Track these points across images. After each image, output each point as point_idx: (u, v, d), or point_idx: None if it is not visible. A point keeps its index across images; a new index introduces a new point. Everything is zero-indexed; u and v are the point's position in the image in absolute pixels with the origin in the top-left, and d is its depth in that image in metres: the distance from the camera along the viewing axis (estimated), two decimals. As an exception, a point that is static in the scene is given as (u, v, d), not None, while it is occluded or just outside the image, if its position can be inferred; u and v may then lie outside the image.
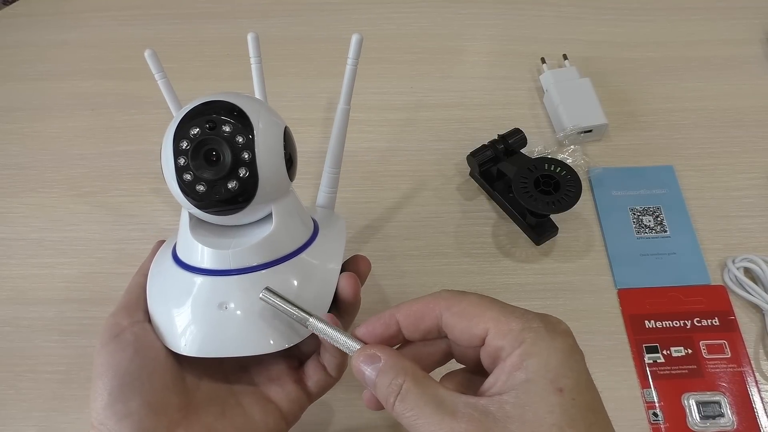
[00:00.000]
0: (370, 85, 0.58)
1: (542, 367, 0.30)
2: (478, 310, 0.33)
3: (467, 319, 0.33)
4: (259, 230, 0.40)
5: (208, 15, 0.78)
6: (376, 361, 0.33)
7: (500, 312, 0.32)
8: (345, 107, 0.47)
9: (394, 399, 0.31)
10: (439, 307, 0.34)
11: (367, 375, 0.33)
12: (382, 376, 0.32)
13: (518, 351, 0.30)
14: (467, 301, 0.33)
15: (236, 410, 0.39)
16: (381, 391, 0.32)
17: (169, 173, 0.38)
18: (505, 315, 0.32)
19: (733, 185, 0.61)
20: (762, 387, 0.50)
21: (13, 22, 0.78)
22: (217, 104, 0.38)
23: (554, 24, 0.76)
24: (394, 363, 0.33)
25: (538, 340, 0.30)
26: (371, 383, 0.33)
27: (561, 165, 0.56)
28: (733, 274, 0.55)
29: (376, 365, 0.33)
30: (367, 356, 0.33)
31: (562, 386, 0.29)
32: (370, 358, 0.33)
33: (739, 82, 0.69)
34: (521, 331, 0.31)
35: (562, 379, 0.29)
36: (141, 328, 0.38)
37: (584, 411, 0.29)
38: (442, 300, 0.34)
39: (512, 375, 0.30)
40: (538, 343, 0.30)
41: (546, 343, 0.30)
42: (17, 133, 0.68)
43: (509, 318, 0.32)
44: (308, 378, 0.41)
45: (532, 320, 0.32)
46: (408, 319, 0.35)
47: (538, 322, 0.31)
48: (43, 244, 0.60)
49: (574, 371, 0.30)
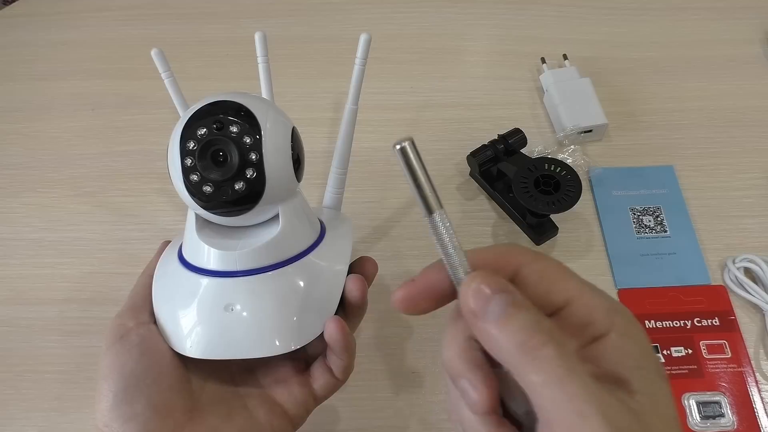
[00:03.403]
0: (370, 85, 0.57)
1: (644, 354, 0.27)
2: (561, 276, 0.29)
3: (548, 281, 0.29)
4: (266, 231, 0.40)
5: (208, 15, 0.78)
6: (508, 293, 0.27)
7: (583, 284, 0.29)
8: (353, 107, 0.47)
9: (546, 339, 0.26)
10: (519, 260, 0.29)
11: (493, 303, 0.27)
12: (523, 310, 0.27)
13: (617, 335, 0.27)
14: (547, 262, 0.29)
15: (242, 412, 0.39)
16: (520, 324, 0.26)
17: (175, 174, 0.38)
18: (590, 289, 0.29)
19: (733, 185, 0.62)
20: (762, 387, 0.51)
21: (13, 22, 0.78)
22: (225, 104, 0.38)
23: (554, 24, 0.76)
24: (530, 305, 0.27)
25: (629, 325, 0.28)
26: (495, 314, 0.26)
27: (561, 165, 0.56)
28: (733, 274, 0.55)
29: (508, 297, 0.27)
30: (501, 283, 0.27)
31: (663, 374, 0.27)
32: (503, 285, 0.27)
33: (739, 82, 0.70)
34: (609, 310, 0.28)
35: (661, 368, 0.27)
36: (147, 330, 0.38)
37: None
38: (521, 254, 0.30)
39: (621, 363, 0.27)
40: (632, 327, 0.28)
41: (636, 329, 0.28)
42: (17, 133, 0.68)
43: (594, 293, 0.28)
44: (314, 380, 0.41)
45: (612, 302, 0.29)
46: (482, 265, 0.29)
47: (618, 304, 0.29)
48: (43, 244, 0.60)
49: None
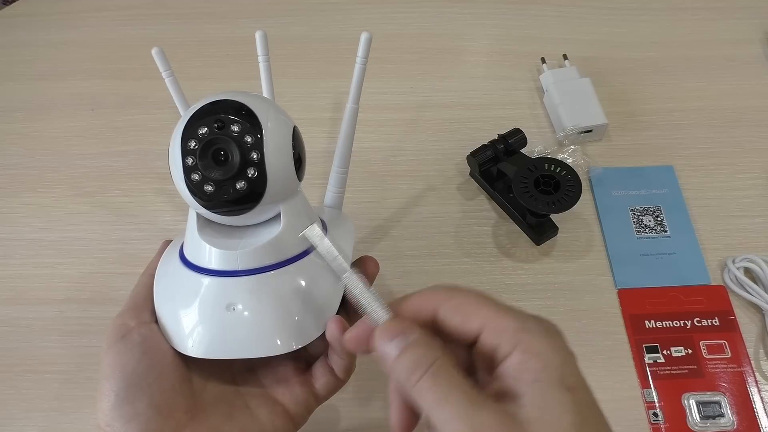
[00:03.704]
0: (370, 85, 0.57)
1: (547, 366, 0.29)
2: (474, 307, 0.32)
3: (462, 314, 0.32)
4: (267, 231, 0.40)
5: (208, 15, 0.78)
6: (405, 335, 0.31)
7: (496, 310, 0.32)
8: (354, 106, 0.46)
9: (423, 371, 0.30)
10: (437, 300, 0.33)
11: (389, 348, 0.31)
12: (414, 348, 0.31)
13: (518, 351, 0.30)
14: (463, 296, 0.33)
15: (243, 412, 0.39)
16: (406, 362, 0.30)
17: (176, 173, 0.38)
18: (501, 313, 0.31)
19: (733, 185, 0.62)
20: (762, 387, 0.51)
21: (13, 22, 0.78)
22: (226, 103, 0.37)
23: (554, 24, 0.76)
24: (429, 340, 0.31)
25: (536, 341, 0.30)
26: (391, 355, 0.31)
27: (561, 165, 0.56)
28: (733, 274, 0.55)
29: (404, 338, 0.31)
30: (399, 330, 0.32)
31: (570, 384, 0.29)
32: (401, 330, 0.32)
33: (739, 82, 0.70)
34: (516, 330, 0.30)
35: (568, 377, 0.29)
36: (148, 329, 0.38)
37: (592, 408, 0.30)
38: (440, 294, 0.33)
39: (518, 378, 0.30)
40: (537, 344, 0.30)
41: (545, 344, 0.30)
42: (17, 133, 0.68)
43: (505, 316, 0.31)
44: (316, 380, 0.41)
45: (526, 320, 0.31)
46: (407, 312, 0.34)
47: (533, 322, 0.31)
48: (43, 244, 0.60)
49: (575, 370, 0.30)
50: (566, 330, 0.54)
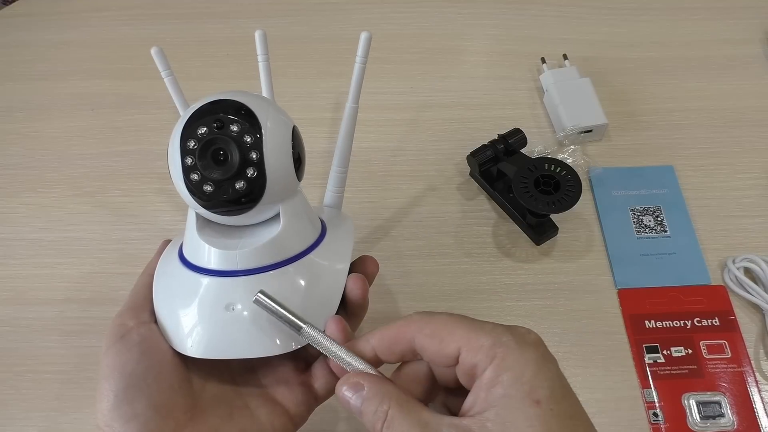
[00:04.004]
0: (370, 85, 0.57)
1: (517, 380, 0.30)
2: (448, 330, 0.33)
3: (438, 339, 0.33)
4: (267, 231, 0.40)
5: (208, 15, 0.78)
6: (360, 389, 0.33)
7: (469, 329, 0.33)
8: (353, 106, 0.46)
9: (381, 425, 0.31)
10: (411, 330, 0.34)
11: (352, 403, 0.33)
12: (367, 404, 0.32)
13: (491, 366, 0.31)
14: (437, 322, 0.34)
15: (243, 412, 0.39)
16: (368, 419, 0.32)
17: (176, 173, 0.38)
18: (475, 331, 0.32)
19: (733, 185, 0.62)
20: (762, 387, 0.51)
21: (13, 22, 0.78)
22: (225, 103, 0.37)
23: (554, 24, 0.76)
24: (378, 389, 0.33)
25: (509, 354, 0.31)
26: (357, 411, 0.33)
27: (561, 165, 0.56)
28: (734, 274, 0.55)
29: (361, 393, 0.33)
30: (351, 384, 0.34)
31: (538, 398, 0.30)
32: (354, 386, 0.33)
33: (739, 82, 0.70)
34: (491, 346, 0.31)
35: (538, 390, 0.30)
36: (147, 329, 0.38)
37: (563, 419, 0.30)
38: (413, 323, 0.34)
39: (490, 392, 0.30)
40: (510, 357, 0.31)
41: (517, 356, 0.31)
42: (17, 133, 0.68)
43: (479, 334, 0.32)
44: (315, 380, 0.41)
45: (501, 334, 0.32)
46: (382, 344, 0.35)
47: (508, 335, 0.32)
48: (43, 244, 0.60)
49: (548, 380, 0.31)
50: (566, 330, 0.54)
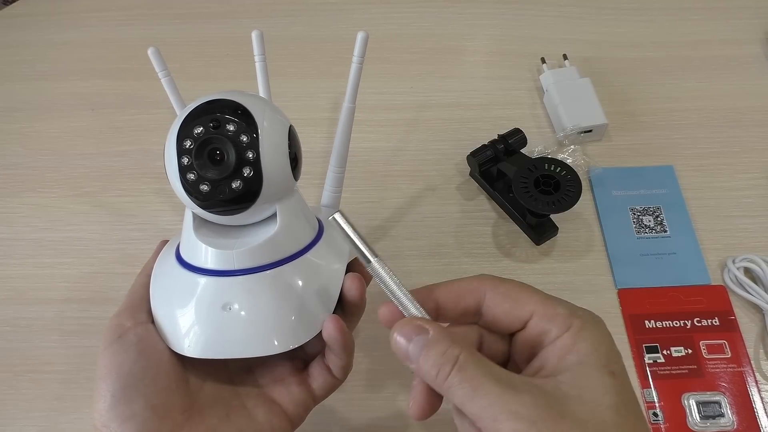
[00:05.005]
0: (370, 85, 0.57)
1: (594, 350, 0.31)
2: (524, 294, 0.34)
3: (512, 300, 0.33)
4: (264, 230, 0.40)
5: (208, 15, 0.78)
6: (422, 332, 0.32)
7: (545, 297, 0.33)
8: (350, 106, 0.46)
9: (450, 368, 0.30)
10: (484, 287, 0.34)
11: (411, 349, 0.32)
12: (433, 346, 0.31)
13: (568, 334, 0.31)
14: (511, 284, 0.34)
15: (240, 412, 0.39)
16: (432, 362, 0.31)
17: (172, 173, 0.38)
18: (551, 300, 0.33)
19: (733, 185, 0.62)
20: (762, 387, 0.50)
21: (13, 22, 0.78)
22: (221, 103, 0.37)
23: (554, 24, 0.76)
24: (446, 334, 0.32)
25: (586, 326, 0.31)
26: (415, 356, 0.31)
27: (561, 165, 0.56)
28: (733, 274, 0.55)
29: (424, 336, 0.31)
30: (414, 327, 0.32)
31: (614, 370, 0.30)
32: (416, 329, 0.32)
33: (739, 82, 0.70)
34: (568, 316, 0.32)
35: (612, 364, 0.31)
36: (144, 330, 0.38)
37: (631, 395, 0.31)
38: (487, 280, 0.35)
39: (564, 358, 0.31)
40: (587, 329, 0.31)
41: (594, 330, 0.32)
42: (17, 133, 0.68)
43: (555, 303, 0.33)
44: (313, 380, 0.41)
45: (577, 309, 0.33)
46: (449, 296, 0.35)
47: (582, 310, 0.33)
48: (43, 244, 0.60)
49: (619, 359, 0.31)
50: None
